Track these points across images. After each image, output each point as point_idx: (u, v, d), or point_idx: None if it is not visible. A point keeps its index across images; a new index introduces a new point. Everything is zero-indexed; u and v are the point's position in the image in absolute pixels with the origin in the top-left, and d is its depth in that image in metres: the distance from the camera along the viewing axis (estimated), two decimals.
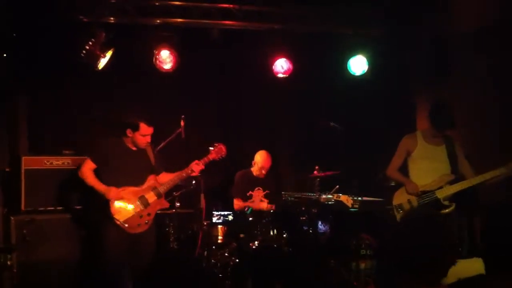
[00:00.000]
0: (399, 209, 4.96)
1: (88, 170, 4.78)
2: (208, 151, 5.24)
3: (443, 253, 2.31)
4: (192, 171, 5.02)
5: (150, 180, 4.95)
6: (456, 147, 4.95)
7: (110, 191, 4.68)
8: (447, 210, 4.79)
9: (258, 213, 5.85)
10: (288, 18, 6.44)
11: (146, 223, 4.83)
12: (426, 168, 4.94)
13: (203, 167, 5.07)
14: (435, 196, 4.83)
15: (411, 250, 2.29)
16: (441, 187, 4.83)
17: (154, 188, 4.91)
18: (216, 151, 5.25)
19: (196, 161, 5.05)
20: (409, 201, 4.93)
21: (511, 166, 4.58)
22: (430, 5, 6.18)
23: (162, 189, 4.94)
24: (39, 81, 6.20)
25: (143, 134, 4.82)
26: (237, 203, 6.16)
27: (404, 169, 5.12)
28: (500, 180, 4.66)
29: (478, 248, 5.23)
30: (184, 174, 5.03)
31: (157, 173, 5.05)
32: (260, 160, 6.17)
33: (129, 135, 4.84)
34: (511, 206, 4.97)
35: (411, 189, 4.91)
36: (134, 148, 4.93)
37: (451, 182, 4.82)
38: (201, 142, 6.56)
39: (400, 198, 5.00)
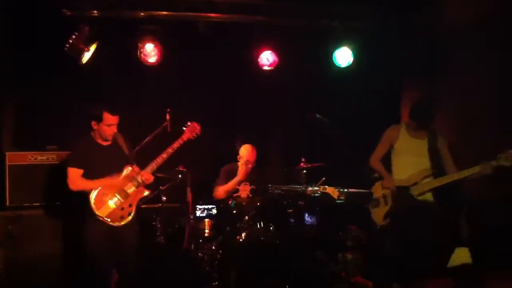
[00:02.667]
0: (375, 203, 4.97)
1: (78, 178, 4.67)
2: (182, 131, 5.19)
3: (443, 241, 2.28)
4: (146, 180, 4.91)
5: (127, 171, 4.88)
6: (439, 141, 4.86)
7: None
8: None
9: (242, 206, 5.83)
10: (272, 10, 6.41)
11: (128, 214, 4.78)
12: (406, 162, 4.90)
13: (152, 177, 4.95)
14: (409, 192, 4.77)
15: (410, 242, 2.25)
16: (416, 183, 4.79)
17: (132, 178, 4.86)
18: (190, 129, 5.22)
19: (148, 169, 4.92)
20: (383, 196, 4.92)
21: (485, 165, 4.43)
22: (429, 1, 6.14)
23: (139, 178, 4.87)
24: (22, 77, 6.10)
25: (108, 124, 4.72)
26: (219, 189, 6.00)
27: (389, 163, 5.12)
28: (478, 178, 4.55)
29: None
30: (155, 165, 4.94)
31: (132, 162, 4.96)
32: (246, 153, 6.13)
33: (95, 127, 4.75)
34: (494, 202, 4.95)
35: (387, 184, 4.90)
36: (104, 143, 4.85)
37: (428, 178, 4.77)
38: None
39: (376, 192, 5.01)
